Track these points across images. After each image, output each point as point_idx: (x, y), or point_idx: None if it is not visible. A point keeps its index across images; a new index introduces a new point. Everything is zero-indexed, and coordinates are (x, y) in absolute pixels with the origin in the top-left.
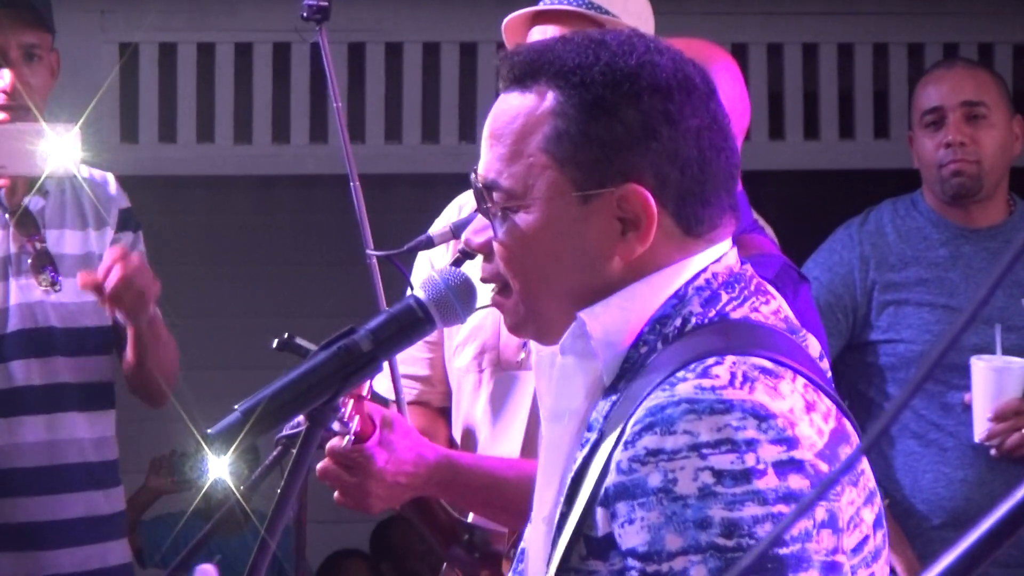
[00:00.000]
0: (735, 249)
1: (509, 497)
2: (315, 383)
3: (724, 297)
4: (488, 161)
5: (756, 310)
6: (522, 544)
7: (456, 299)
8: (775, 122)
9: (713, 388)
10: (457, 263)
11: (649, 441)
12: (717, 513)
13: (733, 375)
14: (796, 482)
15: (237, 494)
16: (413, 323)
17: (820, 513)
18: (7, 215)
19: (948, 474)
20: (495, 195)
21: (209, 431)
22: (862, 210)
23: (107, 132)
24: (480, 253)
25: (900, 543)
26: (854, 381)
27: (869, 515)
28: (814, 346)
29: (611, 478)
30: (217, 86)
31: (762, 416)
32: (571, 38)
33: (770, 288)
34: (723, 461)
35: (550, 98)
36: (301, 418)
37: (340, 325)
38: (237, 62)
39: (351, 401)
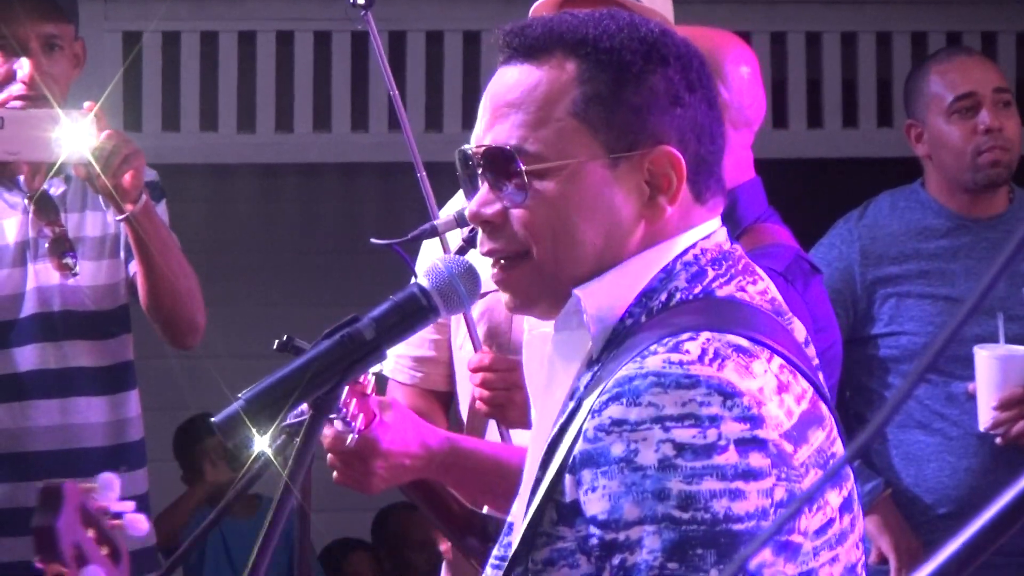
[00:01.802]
0: (724, 228)
1: (511, 482)
2: (319, 371)
3: (711, 273)
4: (505, 130)
5: (743, 289)
6: (508, 517)
7: (460, 286)
8: (779, 111)
9: (681, 363)
10: (461, 251)
11: (615, 411)
12: (675, 485)
13: (704, 351)
14: (756, 460)
15: (279, 467)
16: (417, 311)
17: (779, 493)
18: (26, 200)
19: (953, 463)
20: (520, 161)
21: (213, 420)
22: (866, 198)
23: (110, 121)
24: (489, 225)
25: (902, 531)
26: (857, 374)
27: (835, 499)
28: (799, 330)
29: (579, 446)
30: (220, 75)
31: (728, 393)
32: (576, 14)
33: (759, 270)
34: (685, 435)
35: (571, 67)
36: (304, 407)
37: (343, 313)
38: (240, 51)
39: (354, 400)
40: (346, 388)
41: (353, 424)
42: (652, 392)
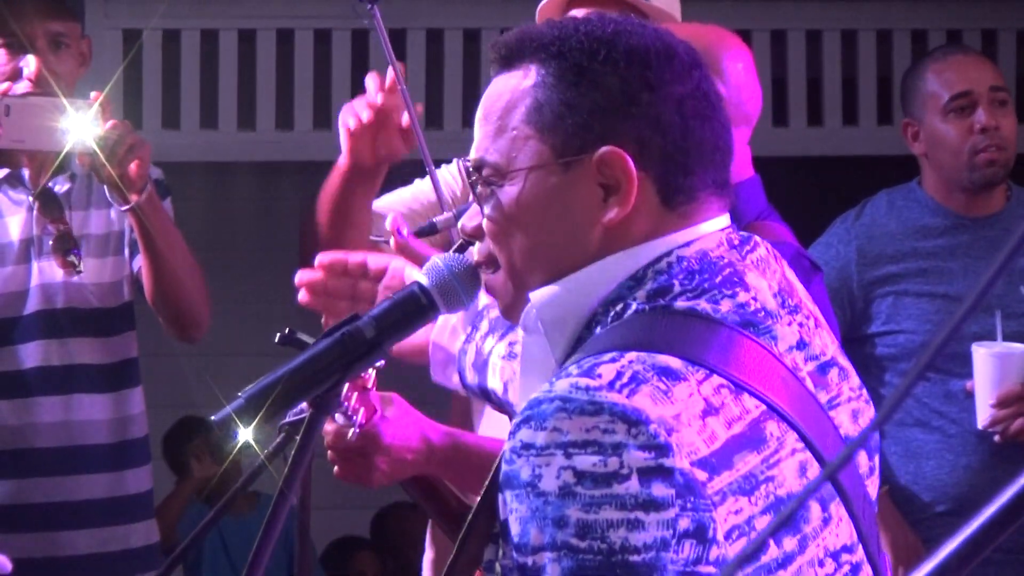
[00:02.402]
0: (724, 232)
1: None
2: (319, 370)
3: (676, 287)
4: (478, 142)
5: (716, 303)
6: None
7: (459, 285)
8: (779, 109)
9: (587, 388)
10: (460, 249)
11: (524, 434)
12: (574, 513)
13: (620, 374)
14: (659, 490)
15: (264, 458)
16: (417, 310)
17: (683, 523)
18: (31, 197)
19: (952, 461)
20: (483, 171)
21: (212, 418)
22: (866, 196)
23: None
24: (473, 237)
25: (899, 526)
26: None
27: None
28: (786, 336)
29: (503, 466)
30: (221, 73)
31: (633, 420)
32: (558, 20)
33: (749, 279)
34: (586, 462)
35: (533, 73)
36: (304, 405)
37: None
38: (241, 48)
39: (355, 394)
40: (347, 383)
41: (355, 418)
42: (557, 417)
